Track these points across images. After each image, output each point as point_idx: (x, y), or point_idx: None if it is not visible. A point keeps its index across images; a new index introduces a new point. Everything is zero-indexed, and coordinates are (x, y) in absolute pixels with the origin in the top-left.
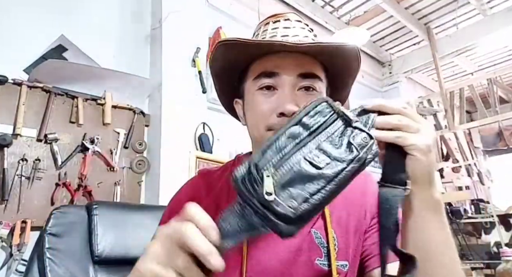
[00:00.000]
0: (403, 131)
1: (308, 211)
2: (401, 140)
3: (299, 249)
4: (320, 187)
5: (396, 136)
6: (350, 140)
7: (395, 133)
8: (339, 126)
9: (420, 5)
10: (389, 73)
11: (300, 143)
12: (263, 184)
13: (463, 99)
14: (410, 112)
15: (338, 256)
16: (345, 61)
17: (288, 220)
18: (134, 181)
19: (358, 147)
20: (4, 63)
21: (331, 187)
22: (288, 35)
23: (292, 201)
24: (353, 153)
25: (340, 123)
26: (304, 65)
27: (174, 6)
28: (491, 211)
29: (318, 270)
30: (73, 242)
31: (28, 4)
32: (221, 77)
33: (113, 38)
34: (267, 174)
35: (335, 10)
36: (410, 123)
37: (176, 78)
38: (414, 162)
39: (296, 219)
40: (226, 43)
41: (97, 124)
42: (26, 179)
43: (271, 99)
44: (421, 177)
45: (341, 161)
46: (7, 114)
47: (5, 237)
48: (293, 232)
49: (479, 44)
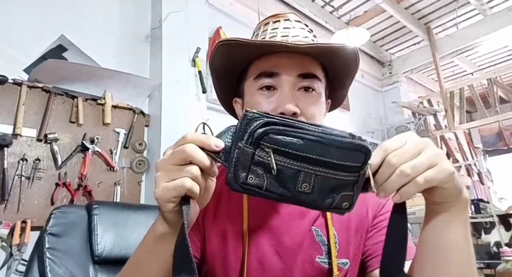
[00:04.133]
0: (423, 172)
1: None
2: (429, 183)
3: (300, 246)
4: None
5: (424, 181)
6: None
7: (418, 181)
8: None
9: (420, 5)
10: (389, 73)
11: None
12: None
13: (463, 99)
14: (411, 144)
15: (338, 254)
16: (344, 62)
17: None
18: (134, 181)
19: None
20: (4, 63)
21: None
22: (288, 35)
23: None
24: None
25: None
26: (304, 66)
27: (174, 6)
28: (491, 211)
29: (319, 268)
30: (73, 242)
31: (28, 4)
32: (220, 77)
33: (113, 38)
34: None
35: (335, 10)
36: (425, 160)
37: (176, 78)
38: (444, 190)
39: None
40: (226, 43)
41: (97, 124)
42: (26, 179)
43: (271, 99)
44: (454, 198)
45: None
46: (7, 114)
47: (5, 237)
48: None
49: (479, 44)
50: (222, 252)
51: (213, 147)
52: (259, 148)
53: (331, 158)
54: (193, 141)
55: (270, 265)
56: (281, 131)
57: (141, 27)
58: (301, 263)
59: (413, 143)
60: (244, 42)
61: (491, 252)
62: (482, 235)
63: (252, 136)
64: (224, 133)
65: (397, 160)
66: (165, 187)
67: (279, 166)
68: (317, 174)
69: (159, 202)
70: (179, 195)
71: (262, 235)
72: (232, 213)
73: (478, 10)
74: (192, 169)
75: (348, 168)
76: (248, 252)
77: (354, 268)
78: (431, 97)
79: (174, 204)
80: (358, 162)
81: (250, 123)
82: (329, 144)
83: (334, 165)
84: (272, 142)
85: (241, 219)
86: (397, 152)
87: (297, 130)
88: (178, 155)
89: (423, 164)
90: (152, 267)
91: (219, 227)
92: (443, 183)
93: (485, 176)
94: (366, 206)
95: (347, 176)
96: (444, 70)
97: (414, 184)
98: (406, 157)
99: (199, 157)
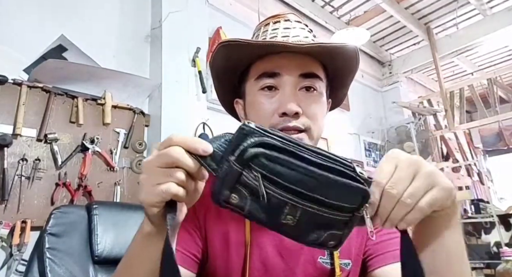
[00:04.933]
0: (424, 196)
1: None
2: (433, 207)
3: (302, 247)
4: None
5: (428, 206)
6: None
7: (422, 208)
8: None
9: (420, 5)
10: (389, 73)
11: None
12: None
13: (463, 99)
14: (403, 167)
15: (341, 255)
16: (345, 61)
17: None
18: (134, 181)
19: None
20: (4, 63)
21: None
22: (288, 36)
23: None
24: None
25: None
26: (305, 65)
27: (174, 6)
28: (491, 211)
29: (321, 268)
30: (73, 242)
31: (28, 4)
32: (221, 77)
33: (113, 38)
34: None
35: (335, 10)
36: (422, 184)
37: (176, 78)
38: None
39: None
40: (226, 44)
41: (97, 124)
42: (26, 179)
43: (272, 99)
44: (448, 209)
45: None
46: (7, 114)
47: (5, 237)
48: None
49: (479, 44)
50: (224, 253)
51: (200, 152)
52: (248, 169)
53: (325, 197)
54: (180, 143)
55: (272, 266)
56: (273, 158)
57: (141, 27)
58: (303, 264)
59: (404, 166)
60: (244, 42)
61: (491, 252)
62: (482, 235)
63: (243, 154)
64: (219, 138)
65: (395, 191)
66: (150, 192)
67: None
68: (305, 209)
69: (144, 205)
70: (163, 200)
71: (264, 236)
72: (234, 214)
73: (478, 10)
74: (177, 174)
75: (342, 208)
76: (250, 253)
77: (356, 269)
78: (431, 97)
79: (158, 208)
80: (354, 203)
81: (245, 138)
82: (324, 182)
83: (326, 203)
84: (262, 167)
85: (243, 220)
86: (392, 182)
87: (292, 159)
88: (164, 158)
89: (421, 189)
90: (141, 266)
91: (221, 228)
92: (445, 201)
93: (485, 176)
94: None
95: (339, 215)
96: (444, 70)
97: (418, 211)
98: (403, 184)
99: (185, 161)
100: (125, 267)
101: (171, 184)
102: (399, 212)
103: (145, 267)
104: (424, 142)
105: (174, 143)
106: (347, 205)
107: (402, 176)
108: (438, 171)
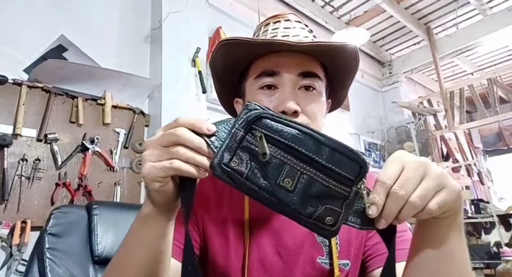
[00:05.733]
0: (433, 198)
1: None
2: (442, 209)
3: (301, 247)
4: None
5: (438, 208)
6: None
7: (431, 209)
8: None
9: (420, 5)
10: (389, 73)
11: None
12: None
13: (463, 99)
14: (411, 168)
15: (340, 255)
16: (345, 61)
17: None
18: (134, 181)
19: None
20: (4, 63)
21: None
22: (288, 35)
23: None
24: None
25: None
26: (305, 64)
27: (174, 6)
28: (491, 211)
29: (320, 268)
30: (73, 242)
31: (28, 4)
32: (221, 76)
33: (113, 38)
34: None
35: (335, 10)
36: (431, 186)
37: (176, 78)
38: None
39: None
40: (226, 43)
41: (97, 124)
42: (26, 179)
43: (272, 98)
44: (454, 210)
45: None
46: (7, 114)
47: (5, 237)
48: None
49: (479, 44)
50: (223, 253)
51: (204, 130)
52: (250, 132)
53: (321, 158)
54: (185, 124)
55: (271, 266)
56: (275, 117)
57: (141, 27)
58: (302, 264)
59: (412, 167)
60: (245, 41)
61: (491, 252)
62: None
63: (247, 118)
64: (222, 122)
65: (404, 191)
66: (152, 166)
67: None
68: (303, 172)
69: (146, 180)
70: (166, 175)
71: (263, 236)
72: (233, 214)
73: (478, 10)
74: (180, 150)
75: (339, 177)
76: (249, 253)
77: (355, 269)
78: (431, 97)
79: (161, 183)
80: (351, 173)
81: (249, 111)
82: (322, 142)
83: (324, 168)
84: (264, 126)
85: (242, 220)
86: (400, 183)
87: (292, 123)
88: (168, 137)
89: (430, 191)
90: (138, 250)
91: (220, 228)
92: (454, 203)
93: (485, 176)
94: None
95: (337, 186)
96: (444, 70)
97: (427, 213)
98: (411, 185)
99: (189, 137)
100: (123, 251)
101: (174, 159)
102: (407, 213)
103: (143, 251)
104: (424, 142)
105: (179, 124)
106: (344, 173)
107: (410, 176)
108: (446, 173)
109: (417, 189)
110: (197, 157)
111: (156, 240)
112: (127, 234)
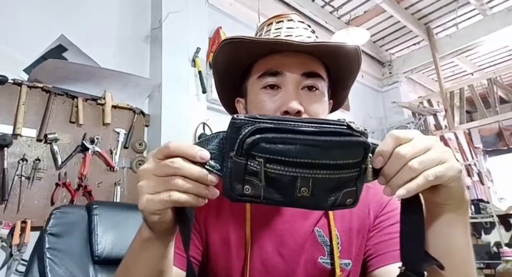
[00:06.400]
0: (432, 168)
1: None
2: (438, 180)
3: (302, 247)
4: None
5: (434, 177)
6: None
7: (428, 176)
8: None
9: (420, 5)
10: (389, 73)
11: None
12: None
13: (463, 99)
14: (420, 139)
15: (341, 255)
16: (347, 61)
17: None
18: (134, 181)
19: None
20: (4, 63)
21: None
22: (291, 35)
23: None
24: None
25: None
26: (307, 64)
27: (174, 6)
28: (491, 211)
29: (321, 269)
30: (73, 242)
31: (28, 4)
32: (223, 76)
33: (113, 38)
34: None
35: (335, 10)
36: (434, 156)
37: (176, 78)
38: (450, 190)
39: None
40: (230, 42)
41: (97, 124)
42: (26, 179)
43: (275, 97)
44: (458, 199)
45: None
46: (7, 114)
47: (5, 237)
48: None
49: (479, 44)
50: (225, 254)
51: (198, 159)
52: (251, 158)
53: (329, 159)
54: (178, 153)
55: (273, 266)
56: (271, 139)
57: (141, 27)
58: (303, 264)
59: (422, 138)
60: (248, 40)
61: (491, 252)
62: (482, 235)
63: (242, 146)
64: (213, 139)
65: (407, 151)
66: (150, 199)
67: (273, 174)
68: (315, 177)
69: (144, 213)
70: (165, 207)
71: (265, 237)
72: (234, 215)
73: (478, 10)
74: (179, 182)
75: (348, 165)
76: (251, 253)
77: (356, 269)
78: (431, 97)
79: (159, 215)
80: (357, 157)
81: (239, 131)
82: (325, 146)
83: (333, 165)
84: (263, 151)
85: (244, 221)
86: (406, 145)
87: (289, 135)
88: (165, 169)
89: (432, 160)
90: (140, 271)
91: (221, 229)
92: (451, 180)
93: (485, 176)
94: (368, 207)
95: (348, 172)
96: (444, 70)
97: (423, 178)
98: (415, 150)
99: (188, 169)
100: (124, 272)
101: (173, 191)
102: (404, 175)
103: (144, 272)
104: None
105: (172, 152)
106: (352, 160)
107: (417, 144)
108: (451, 152)
109: (420, 156)
110: (196, 187)
111: (157, 261)
112: (128, 254)
